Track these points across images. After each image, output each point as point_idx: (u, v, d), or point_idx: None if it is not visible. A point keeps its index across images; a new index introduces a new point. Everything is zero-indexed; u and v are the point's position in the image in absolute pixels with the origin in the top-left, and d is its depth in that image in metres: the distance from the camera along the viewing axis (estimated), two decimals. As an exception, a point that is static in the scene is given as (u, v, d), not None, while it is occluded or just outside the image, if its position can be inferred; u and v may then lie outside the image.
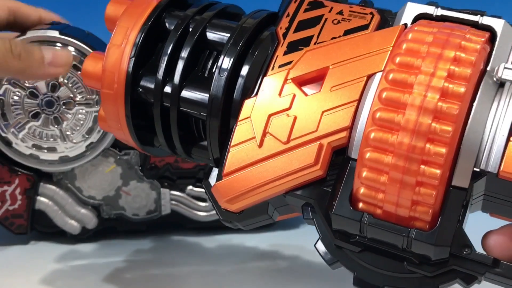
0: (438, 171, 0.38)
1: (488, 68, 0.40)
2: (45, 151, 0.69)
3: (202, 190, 0.72)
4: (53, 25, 0.68)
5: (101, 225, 0.73)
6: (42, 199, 0.71)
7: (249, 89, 0.44)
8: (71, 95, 0.67)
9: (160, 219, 0.74)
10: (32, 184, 0.70)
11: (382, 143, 0.39)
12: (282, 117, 0.42)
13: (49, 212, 0.71)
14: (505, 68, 0.39)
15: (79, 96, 0.67)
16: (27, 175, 0.70)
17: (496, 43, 0.41)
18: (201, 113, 0.46)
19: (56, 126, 0.68)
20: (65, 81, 0.66)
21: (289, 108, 0.42)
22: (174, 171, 0.72)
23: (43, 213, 0.71)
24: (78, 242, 0.73)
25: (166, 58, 0.46)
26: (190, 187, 0.73)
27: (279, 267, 0.69)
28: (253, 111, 0.43)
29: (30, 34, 0.66)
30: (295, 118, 0.42)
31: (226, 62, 0.45)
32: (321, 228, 0.42)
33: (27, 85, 0.66)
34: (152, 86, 0.47)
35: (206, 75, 0.47)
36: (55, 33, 0.66)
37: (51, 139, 0.68)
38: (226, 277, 0.67)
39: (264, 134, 0.43)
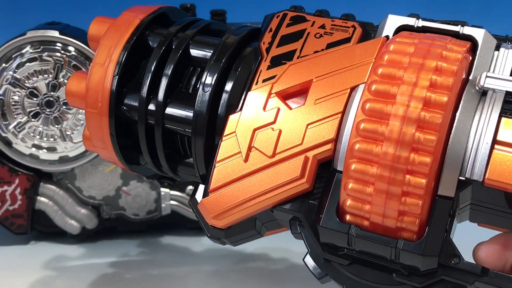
0: (423, 181, 0.38)
1: (470, 77, 0.40)
2: (45, 151, 0.69)
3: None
4: (53, 25, 0.68)
5: (101, 225, 0.73)
6: (42, 199, 0.71)
7: (233, 105, 0.44)
8: (71, 95, 0.67)
9: (160, 219, 0.73)
10: (32, 184, 0.70)
11: (367, 154, 0.38)
12: (267, 131, 0.42)
13: (49, 212, 0.71)
14: (487, 76, 0.39)
15: (79, 96, 0.67)
16: (27, 175, 0.69)
17: (478, 52, 0.41)
18: (186, 130, 0.46)
19: (56, 126, 0.68)
20: (65, 81, 0.66)
21: (274, 122, 0.42)
22: (174, 171, 0.72)
23: (43, 213, 0.71)
24: (78, 242, 0.73)
25: (149, 75, 0.46)
26: (190, 187, 0.72)
27: (276, 268, 0.69)
28: (238, 126, 0.43)
29: (30, 34, 0.66)
30: (280, 131, 0.42)
31: (209, 79, 0.44)
32: (309, 242, 0.41)
33: (27, 85, 0.66)
34: (136, 103, 0.46)
35: (190, 91, 0.47)
36: (55, 33, 0.66)
37: (51, 139, 0.68)
38: (226, 277, 0.67)
39: (250, 148, 0.42)
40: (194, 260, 0.70)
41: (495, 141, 0.38)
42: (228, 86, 0.44)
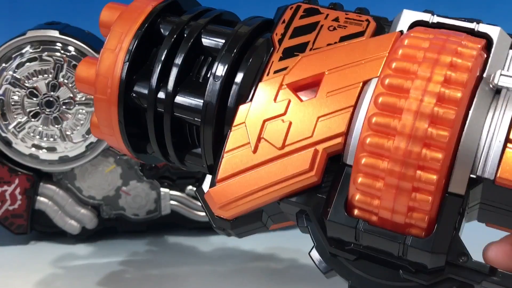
0: (434, 177, 0.37)
1: (485, 75, 0.40)
2: (45, 151, 0.68)
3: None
4: (53, 25, 0.68)
5: (101, 225, 0.72)
6: (42, 199, 0.70)
7: (244, 96, 0.44)
8: (71, 95, 0.67)
9: (160, 219, 0.73)
10: (32, 184, 0.69)
11: (378, 148, 0.38)
12: (277, 122, 0.42)
13: (49, 212, 0.71)
14: (501, 75, 0.39)
15: (79, 96, 0.67)
16: (27, 175, 0.69)
17: (492, 50, 0.41)
18: (195, 119, 0.45)
19: (56, 126, 0.67)
20: (65, 81, 0.66)
21: (284, 114, 0.42)
22: (174, 171, 0.72)
23: (43, 213, 0.71)
24: (78, 242, 0.72)
25: (160, 63, 0.45)
26: (189, 187, 0.72)
27: (276, 268, 0.69)
28: (248, 117, 0.43)
29: (30, 34, 0.65)
30: (290, 123, 0.42)
31: (220, 69, 0.44)
32: (316, 236, 0.41)
33: (27, 85, 0.66)
34: (146, 91, 0.46)
35: (200, 80, 0.46)
36: (55, 33, 0.66)
37: (51, 139, 0.68)
38: (225, 278, 0.66)
39: (259, 139, 0.42)
40: (194, 260, 0.70)
41: (508, 140, 0.38)
42: (239, 77, 0.44)
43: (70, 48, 0.66)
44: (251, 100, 0.43)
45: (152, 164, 0.53)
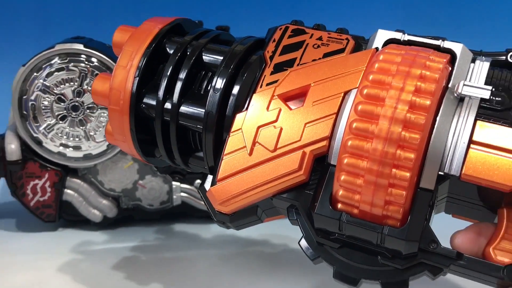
0: (407, 174, 0.38)
1: (450, 85, 0.40)
2: (71, 149, 0.69)
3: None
4: (78, 39, 0.68)
5: (120, 214, 0.73)
6: (69, 191, 0.71)
7: (240, 106, 0.44)
8: (94, 101, 0.67)
9: (172, 209, 0.74)
10: (60, 178, 0.70)
11: (358, 150, 0.39)
12: (270, 128, 0.42)
13: (75, 203, 0.71)
14: (464, 85, 0.39)
15: (101, 101, 0.67)
16: (56, 170, 0.70)
17: (456, 63, 0.41)
18: (198, 126, 0.46)
19: (81, 127, 0.68)
20: (89, 88, 0.67)
21: (276, 121, 0.42)
22: (184, 167, 0.72)
23: (70, 203, 0.71)
24: (100, 229, 0.73)
25: (166, 78, 0.46)
26: (198, 181, 0.73)
27: (270, 252, 0.69)
28: (244, 124, 0.43)
29: (58, 47, 0.66)
30: (281, 129, 0.42)
31: (219, 82, 0.44)
32: (304, 227, 0.41)
33: (55, 91, 0.67)
34: (154, 102, 0.46)
35: (202, 92, 0.47)
36: (80, 46, 0.66)
37: (77, 139, 0.69)
38: (228, 260, 0.67)
39: (254, 143, 0.42)
40: (202, 245, 0.70)
41: (471, 141, 0.38)
42: (236, 89, 0.44)
43: (93, 59, 0.67)
44: (246, 109, 0.43)
45: (160, 166, 0.53)
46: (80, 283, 0.61)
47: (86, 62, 0.67)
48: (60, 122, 0.68)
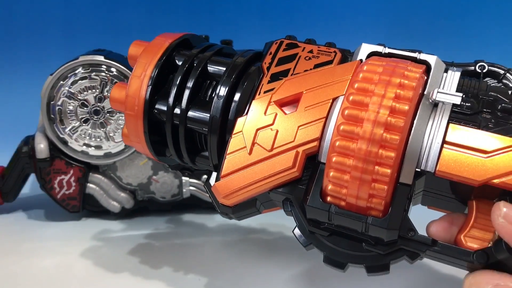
0: (388, 171, 0.38)
1: (425, 93, 0.40)
2: (93, 148, 0.69)
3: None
4: (100, 51, 0.68)
5: (136, 205, 0.73)
6: (91, 185, 0.71)
7: (240, 111, 0.44)
8: (113, 106, 0.67)
9: (182, 201, 0.74)
10: (83, 174, 0.70)
11: (345, 150, 0.39)
12: (267, 130, 0.42)
13: (96, 195, 0.71)
14: (438, 92, 0.39)
15: (119, 106, 0.67)
16: (80, 167, 0.70)
17: (431, 73, 0.41)
18: (203, 129, 0.46)
19: (101, 129, 0.68)
20: (109, 94, 0.66)
21: (273, 124, 0.42)
22: (193, 164, 0.72)
23: (92, 196, 0.71)
24: (119, 218, 0.73)
25: (175, 87, 0.46)
26: (204, 176, 0.73)
27: (268, 239, 0.69)
28: (244, 126, 0.43)
29: (81, 58, 0.66)
30: (277, 131, 0.42)
31: (222, 90, 0.45)
32: (298, 218, 0.42)
33: (79, 97, 0.66)
34: (165, 108, 0.46)
35: (207, 99, 0.47)
36: (101, 58, 0.66)
37: (98, 139, 0.69)
38: (233, 246, 0.67)
39: (253, 144, 0.42)
40: (208, 232, 0.70)
41: (444, 141, 0.38)
42: (237, 96, 0.45)
43: (113, 69, 0.67)
44: (246, 113, 0.43)
45: (170, 164, 0.53)
46: (100, 266, 0.61)
47: (106, 72, 0.67)
48: (84, 124, 0.68)
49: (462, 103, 0.40)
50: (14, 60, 1.18)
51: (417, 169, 0.39)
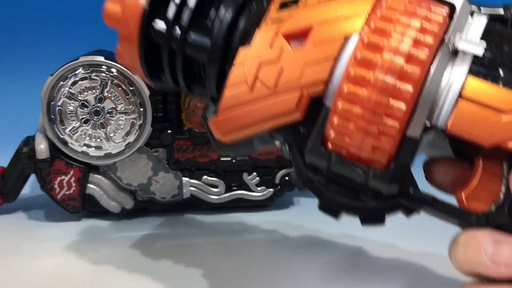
0: (397, 124, 0.36)
1: (446, 39, 0.37)
2: (93, 149, 0.69)
3: (215, 178, 0.73)
4: (100, 52, 0.68)
5: (136, 206, 0.73)
6: (91, 185, 0.71)
7: (245, 40, 0.40)
8: (114, 106, 0.67)
9: (182, 201, 0.74)
10: (83, 174, 0.70)
11: (353, 96, 0.36)
12: (271, 66, 0.38)
13: (97, 196, 0.71)
14: (460, 39, 0.37)
15: (120, 107, 0.67)
16: (80, 167, 0.70)
17: (455, 16, 0.38)
18: (203, 58, 0.41)
19: (102, 129, 0.68)
20: (109, 95, 0.67)
21: (278, 58, 0.38)
22: (193, 164, 0.72)
23: (92, 196, 0.71)
24: (119, 219, 0.73)
25: (175, 4, 0.41)
26: (205, 176, 0.73)
27: (274, 238, 0.69)
28: (247, 58, 0.39)
29: (82, 59, 0.66)
30: (282, 67, 0.38)
31: (226, 14, 0.41)
32: (296, 162, 0.39)
33: (79, 98, 0.67)
34: (163, 30, 0.41)
35: (210, 24, 0.42)
36: (101, 58, 0.66)
37: (98, 140, 0.68)
38: (233, 246, 0.67)
39: (255, 79, 0.38)
40: (209, 233, 0.70)
41: (460, 96, 0.36)
42: (242, 22, 0.41)
43: (113, 69, 0.67)
44: (250, 44, 0.39)
45: (164, 89, 0.49)
46: (100, 267, 0.61)
47: (107, 72, 0.66)
48: (84, 125, 0.68)
49: (484, 54, 0.36)
50: (14, 60, 1.18)
51: (427, 125, 0.36)
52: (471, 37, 0.38)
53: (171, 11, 0.41)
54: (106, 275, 0.60)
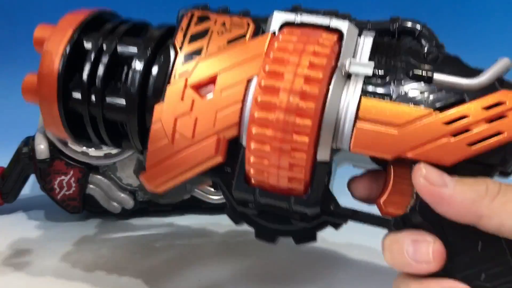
0: (306, 139, 0.38)
1: (339, 63, 0.40)
2: (93, 149, 0.69)
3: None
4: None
5: (136, 206, 0.73)
6: (91, 186, 0.71)
7: (159, 89, 0.42)
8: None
9: (182, 202, 0.73)
10: (83, 175, 0.70)
11: (261, 136, 0.38)
12: (186, 117, 0.40)
13: (97, 196, 0.71)
14: (350, 63, 0.39)
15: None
16: (80, 167, 0.70)
17: (343, 42, 0.40)
18: (123, 118, 0.44)
19: (101, 130, 0.68)
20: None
21: (190, 109, 0.40)
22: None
23: (92, 197, 0.71)
24: (119, 219, 0.73)
25: (85, 81, 0.44)
26: (205, 177, 0.73)
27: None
28: (163, 114, 0.41)
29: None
30: (196, 117, 0.40)
31: (138, 64, 0.42)
32: (227, 199, 0.42)
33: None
34: (80, 100, 0.44)
35: (121, 85, 0.44)
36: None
37: (98, 140, 0.69)
38: (233, 247, 0.67)
39: (174, 132, 0.41)
40: (209, 233, 0.71)
41: (357, 117, 0.38)
42: (155, 70, 0.42)
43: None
44: (163, 100, 0.41)
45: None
46: (101, 267, 0.61)
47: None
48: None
49: (374, 72, 0.39)
50: (14, 60, 1.18)
51: (333, 147, 0.39)
52: (361, 58, 0.40)
53: (85, 75, 0.43)
54: (107, 276, 0.60)
